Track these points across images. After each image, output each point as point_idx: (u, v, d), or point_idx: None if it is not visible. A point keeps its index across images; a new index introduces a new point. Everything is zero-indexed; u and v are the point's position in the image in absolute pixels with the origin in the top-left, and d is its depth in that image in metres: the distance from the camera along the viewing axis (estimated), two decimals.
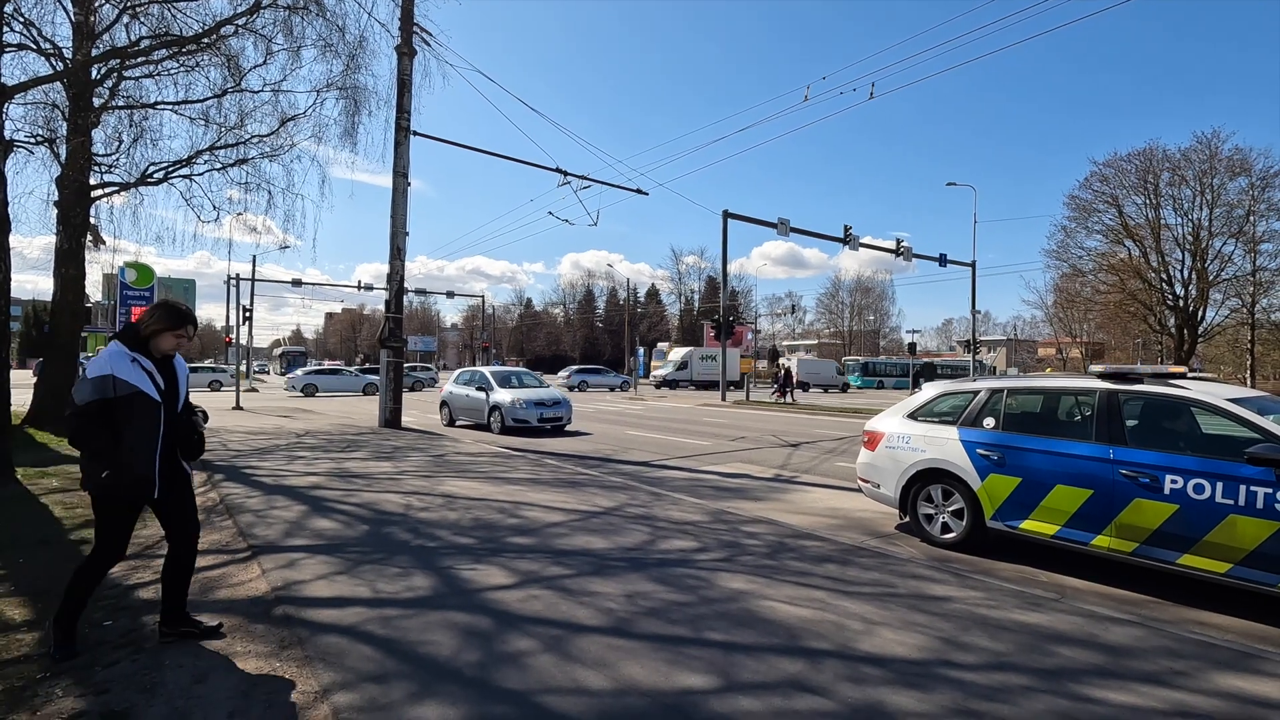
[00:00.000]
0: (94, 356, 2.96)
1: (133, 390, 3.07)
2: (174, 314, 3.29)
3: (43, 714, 2.74)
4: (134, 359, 3.13)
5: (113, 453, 3.04)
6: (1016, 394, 5.89)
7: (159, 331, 3.23)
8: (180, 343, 3.30)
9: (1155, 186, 36.73)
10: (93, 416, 3.04)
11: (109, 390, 3.03)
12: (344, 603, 4.02)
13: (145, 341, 3.22)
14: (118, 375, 3.05)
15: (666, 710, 2.80)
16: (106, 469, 3.04)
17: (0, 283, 7.77)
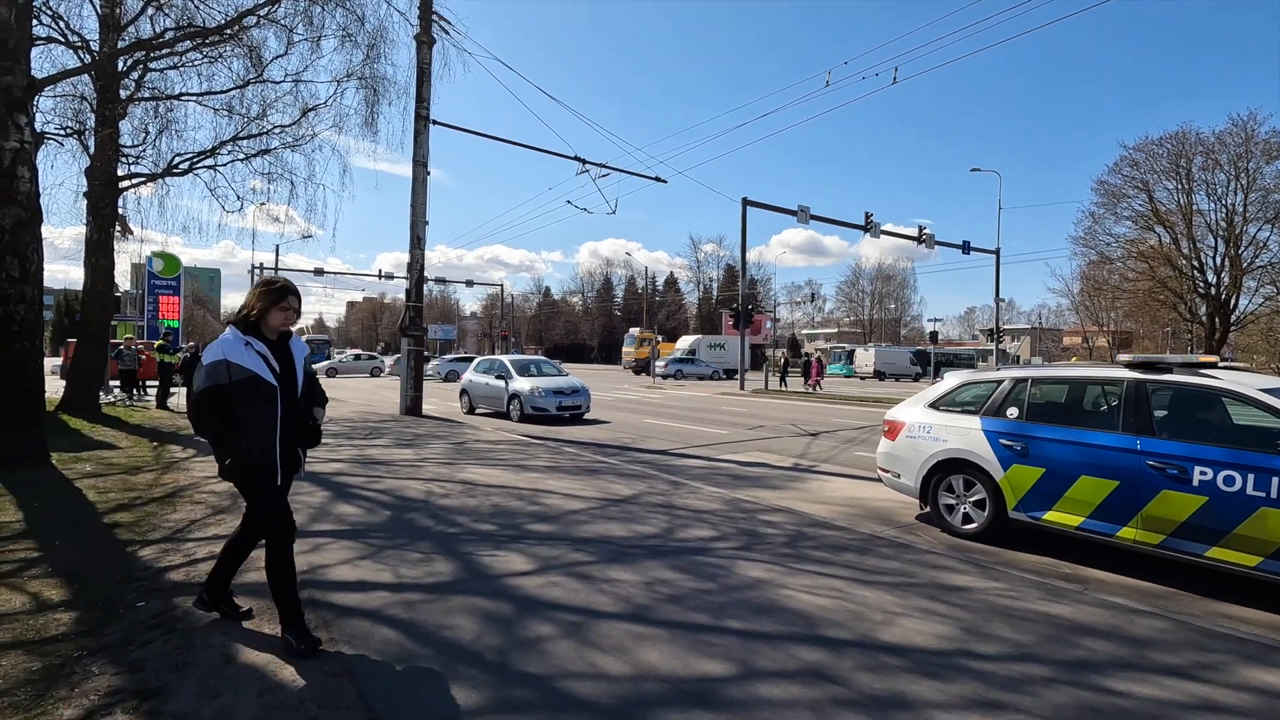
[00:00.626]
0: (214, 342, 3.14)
1: (248, 375, 3.03)
2: (276, 288, 3.21)
3: (81, 690, 2.83)
4: (247, 343, 3.09)
5: (231, 439, 3.04)
6: (1041, 383, 5.81)
7: (264, 310, 3.17)
8: (288, 317, 3.21)
9: (1188, 171, 35.78)
10: (210, 403, 3.02)
11: (223, 376, 3.00)
12: (367, 587, 4.10)
13: (256, 324, 3.17)
14: (232, 360, 3.02)
15: (685, 697, 2.82)
16: (227, 456, 3.04)
17: (33, 272, 7.96)
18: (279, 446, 3.14)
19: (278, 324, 3.21)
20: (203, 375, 3.03)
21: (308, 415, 3.34)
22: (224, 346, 3.05)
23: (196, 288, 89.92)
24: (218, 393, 3.01)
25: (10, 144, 7.72)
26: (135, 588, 4.05)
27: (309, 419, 3.34)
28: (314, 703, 2.73)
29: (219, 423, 3.05)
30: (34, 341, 8.01)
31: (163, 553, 4.76)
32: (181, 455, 9.16)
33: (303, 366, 3.31)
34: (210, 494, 6.70)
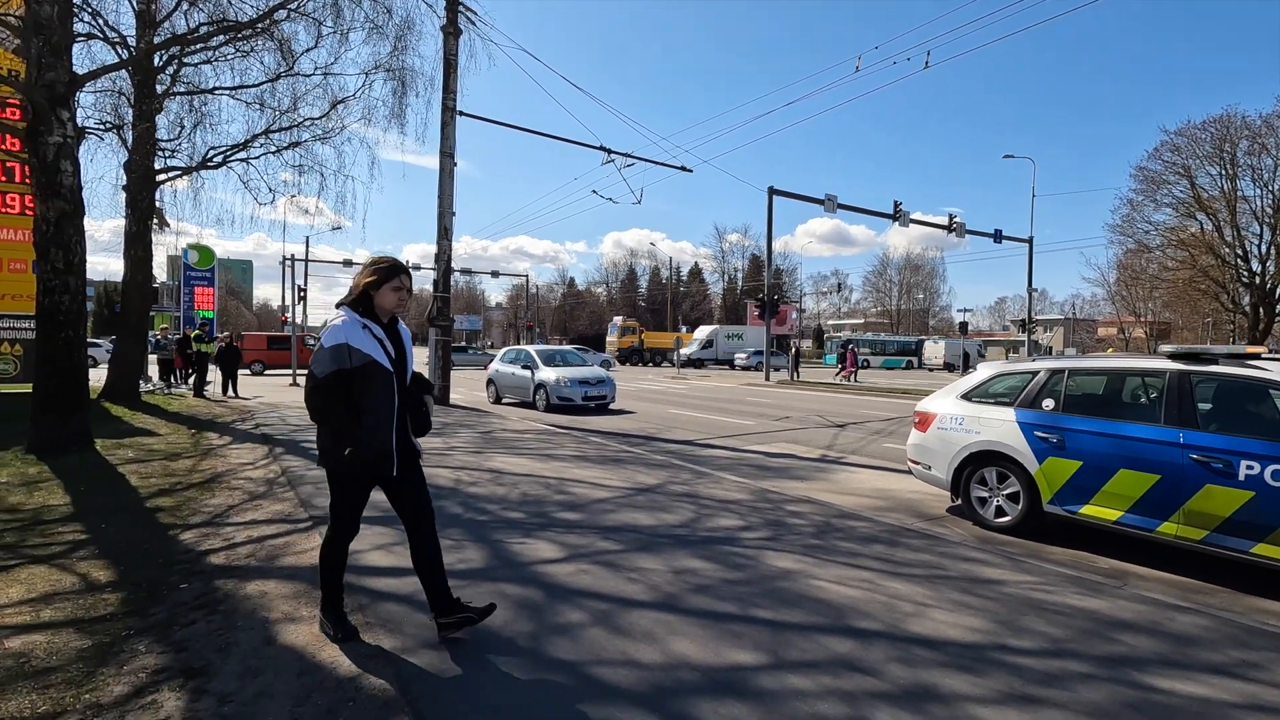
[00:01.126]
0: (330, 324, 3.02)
1: (367, 360, 2.89)
2: (386, 266, 3.04)
3: (129, 668, 2.92)
4: (365, 325, 2.94)
5: (354, 428, 2.88)
6: (1078, 375, 5.67)
7: (378, 286, 3.00)
8: (401, 297, 3.04)
9: (1232, 156, 34.56)
10: (334, 389, 2.88)
11: (345, 360, 2.86)
12: (401, 572, 4.16)
13: (370, 304, 3.02)
14: (352, 344, 2.88)
15: (717, 685, 2.83)
16: (348, 445, 2.88)
17: (76, 263, 8.20)
18: (395, 436, 3.00)
19: (390, 305, 3.05)
20: (326, 359, 2.87)
21: (419, 402, 3.17)
22: (344, 329, 2.90)
23: (230, 279, 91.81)
24: (341, 378, 2.87)
25: (54, 139, 7.94)
26: (178, 570, 4.17)
27: (421, 406, 3.17)
28: (352, 685, 2.79)
29: (342, 410, 2.89)
30: (78, 331, 8.26)
31: (203, 536, 4.89)
32: (219, 443, 9.39)
33: (410, 352, 3.17)
34: (247, 480, 6.87)
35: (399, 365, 3.04)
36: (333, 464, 2.98)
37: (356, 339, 2.89)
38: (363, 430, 2.89)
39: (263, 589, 3.85)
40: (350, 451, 2.88)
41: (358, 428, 2.89)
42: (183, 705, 2.64)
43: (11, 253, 13.13)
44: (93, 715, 2.55)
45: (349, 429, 2.89)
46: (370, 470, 2.98)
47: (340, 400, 2.89)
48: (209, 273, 36.21)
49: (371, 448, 2.91)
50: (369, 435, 2.90)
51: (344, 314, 2.97)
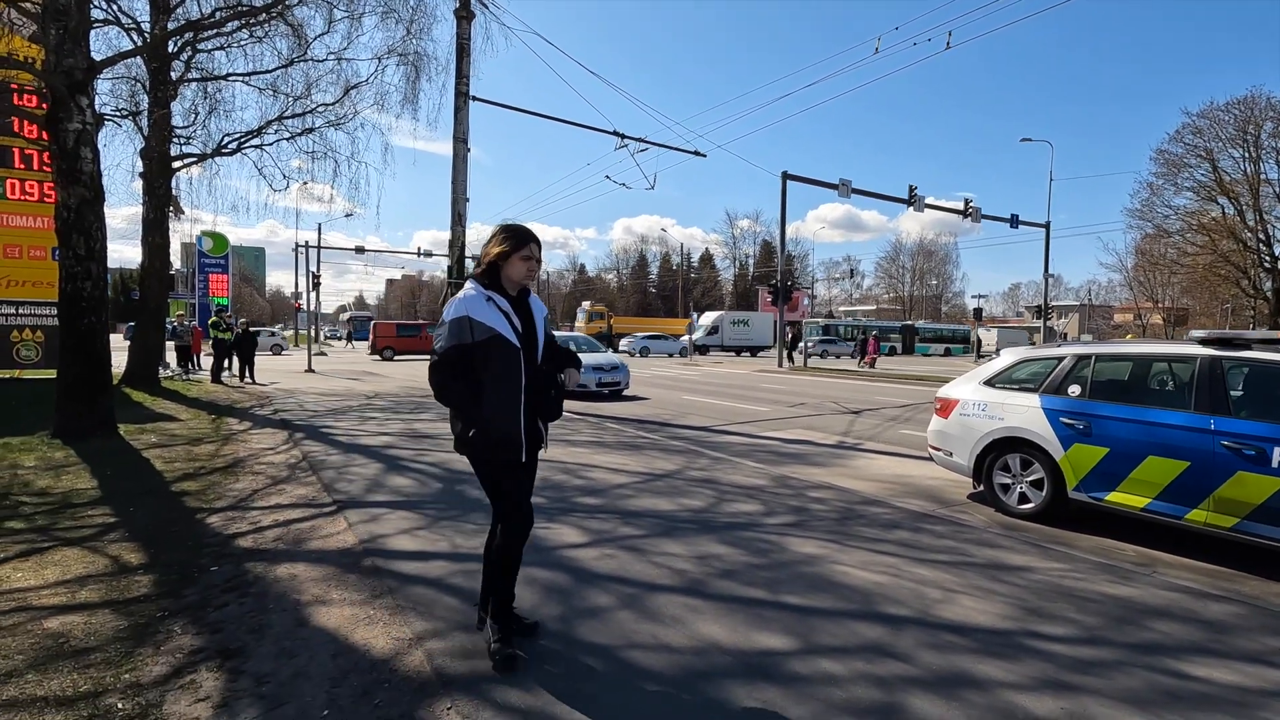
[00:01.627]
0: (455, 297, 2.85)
1: (490, 334, 2.69)
2: (515, 233, 2.82)
3: (166, 649, 2.96)
4: (489, 298, 2.74)
5: (475, 408, 2.71)
6: (1105, 360, 5.60)
7: (505, 255, 2.79)
8: (531, 268, 2.82)
9: (1256, 138, 33.89)
10: (454, 364, 2.69)
11: (467, 334, 2.67)
12: (427, 556, 4.20)
13: (497, 278, 2.82)
14: (474, 317, 2.68)
15: (749, 670, 2.83)
16: (472, 427, 2.71)
17: (97, 250, 8.25)
18: (523, 418, 2.79)
19: (520, 276, 2.83)
20: (445, 333, 2.69)
21: (551, 383, 2.93)
22: (466, 302, 2.71)
23: (243, 266, 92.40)
24: (462, 353, 2.68)
25: (73, 125, 7.97)
26: (207, 553, 4.22)
27: (552, 387, 2.93)
28: (386, 666, 2.81)
29: (463, 388, 2.71)
30: (100, 317, 8.33)
31: (229, 520, 4.94)
32: (239, 428, 9.48)
33: (543, 327, 2.94)
34: (269, 465, 6.93)
35: (527, 341, 2.80)
36: (465, 450, 2.79)
37: (479, 312, 2.69)
38: (486, 410, 2.71)
39: (292, 572, 3.89)
40: (474, 433, 2.70)
41: (479, 408, 2.71)
42: (221, 685, 2.67)
43: (32, 240, 13.27)
44: (133, 694, 2.59)
45: (469, 409, 2.71)
46: (495, 454, 2.77)
47: (460, 378, 2.71)
48: (223, 259, 36.51)
49: (496, 430, 2.72)
50: (492, 416, 2.72)
51: (469, 286, 2.78)
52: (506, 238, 2.81)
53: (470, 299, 2.72)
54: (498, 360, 2.71)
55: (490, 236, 2.88)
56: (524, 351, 2.77)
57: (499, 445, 2.75)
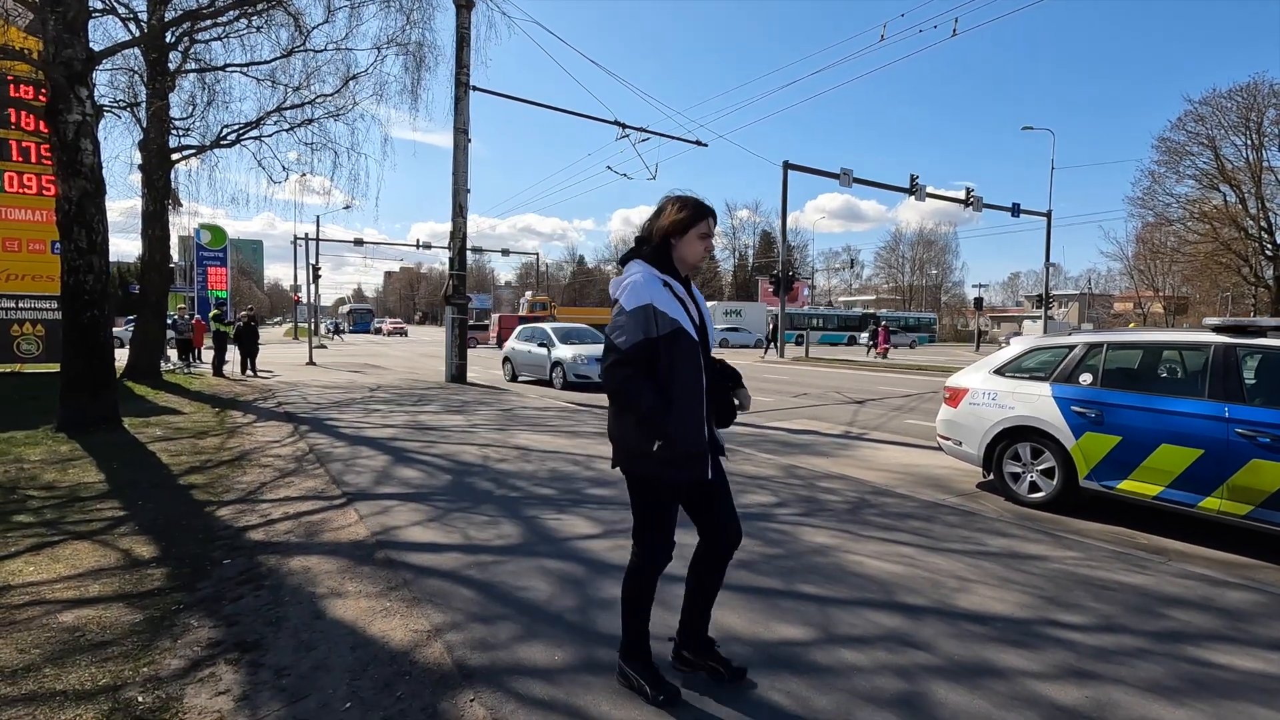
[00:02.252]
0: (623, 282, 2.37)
1: (673, 327, 2.28)
2: (693, 204, 2.41)
3: (183, 642, 2.95)
4: (665, 282, 2.34)
5: (665, 417, 2.26)
6: (1117, 348, 5.57)
7: (682, 231, 2.39)
8: (708, 247, 2.44)
9: (1258, 125, 33.76)
10: (641, 364, 2.26)
11: (651, 327, 2.26)
12: (440, 548, 4.18)
13: (668, 255, 2.41)
14: (657, 305, 2.28)
15: (771, 660, 2.82)
16: (658, 438, 2.26)
17: (99, 242, 8.20)
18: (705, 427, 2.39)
19: (695, 257, 2.43)
20: (630, 325, 2.25)
21: (726, 379, 2.52)
22: (648, 288, 2.29)
23: (241, 259, 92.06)
24: (647, 350, 2.26)
25: (73, 117, 7.90)
26: (219, 546, 4.21)
27: (727, 384, 2.52)
28: (406, 659, 2.80)
29: (651, 392, 2.26)
30: (103, 310, 8.29)
31: (239, 513, 4.92)
32: (243, 421, 9.46)
33: (711, 321, 2.52)
34: (276, 458, 6.91)
35: (702, 335, 2.41)
36: (637, 465, 2.34)
37: (661, 299, 2.29)
38: (671, 420, 2.26)
39: (305, 564, 3.87)
40: (660, 447, 2.25)
41: (667, 416, 2.26)
42: (241, 678, 2.65)
43: (31, 233, 13.19)
44: (153, 688, 2.58)
45: (656, 418, 2.25)
46: (680, 473, 2.35)
47: (646, 380, 2.27)
48: (221, 253, 36.32)
49: (682, 443, 2.29)
50: (679, 426, 2.28)
51: (639, 269, 2.37)
52: (683, 208, 2.39)
53: (650, 283, 2.31)
54: (681, 358, 2.30)
55: (659, 208, 2.45)
56: (701, 347, 2.39)
57: (684, 461, 2.32)
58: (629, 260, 2.44)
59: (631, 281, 2.32)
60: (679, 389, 2.29)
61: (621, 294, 2.33)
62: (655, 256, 2.40)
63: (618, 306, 2.32)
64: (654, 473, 2.33)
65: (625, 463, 2.41)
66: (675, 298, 2.33)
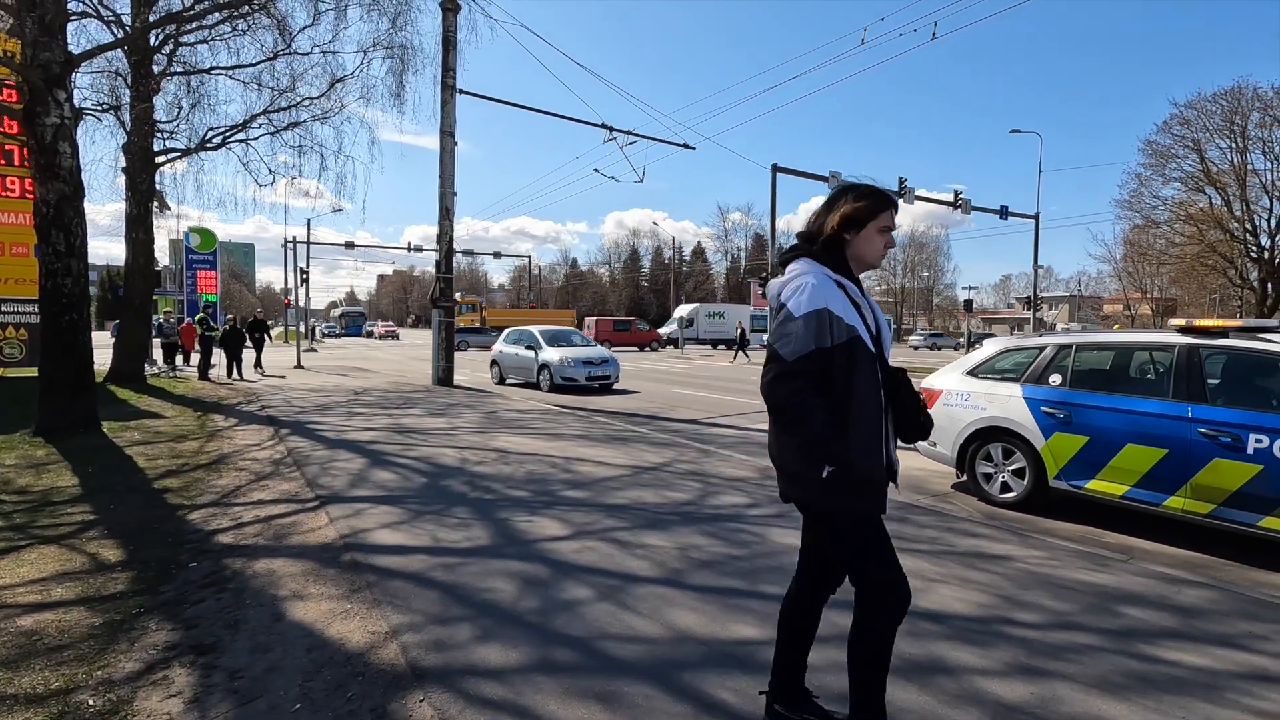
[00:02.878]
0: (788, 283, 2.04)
1: (850, 334, 1.98)
2: (872, 194, 2.12)
3: (140, 645, 2.95)
4: (838, 283, 2.05)
5: (841, 439, 1.95)
6: (1086, 350, 5.63)
7: (859, 225, 2.09)
8: (888, 242, 2.14)
9: (1243, 129, 33.99)
10: (810, 378, 1.97)
11: (826, 335, 1.96)
12: (408, 550, 4.19)
13: (840, 253, 2.13)
14: (833, 310, 1.98)
15: (723, 659, 2.84)
16: (828, 463, 1.96)
17: (77, 246, 8.17)
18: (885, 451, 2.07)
19: (874, 255, 2.13)
20: (802, 333, 1.95)
21: (903, 388, 2.15)
22: (822, 290, 1.99)
23: (232, 262, 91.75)
24: (822, 361, 1.96)
25: (51, 120, 7.88)
26: (187, 549, 4.20)
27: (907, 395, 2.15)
28: (361, 660, 2.81)
29: (823, 409, 1.96)
30: (81, 314, 8.27)
31: (211, 516, 4.92)
32: (224, 424, 9.43)
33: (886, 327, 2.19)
34: (253, 461, 6.90)
35: (878, 344, 2.10)
36: (811, 496, 2.06)
37: (837, 303, 2.00)
38: (847, 441, 1.96)
39: (271, 567, 3.87)
40: (830, 472, 1.96)
41: (844, 437, 1.95)
42: (194, 681, 2.66)
43: (13, 236, 13.10)
44: (105, 691, 2.58)
45: (836, 439, 1.95)
46: (857, 502, 2.03)
47: (819, 395, 1.98)
48: (211, 256, 36.14)
49: (860, 467, 1.98)
50: (856, 449, 1.96)
51: (807, 268, 2.07)
52: (859, 199, 2.10)
53: (824, 285, 2.00)
54: (859, 371, 1.99)
55: (831, 199, 2.16)
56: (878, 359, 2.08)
57: (860, 488, 2.01)
58: (791, 259, 2.16)
59: (803, 283, 2.01)
60: (856, 406, 1.98)
61: (789, 297, 2.02)
62: (826, 255, 2.11)
63: (784, 312, 2.02)
64: (829, 504, 2.03)
65: (789, 489, 2.13)
66: (850, 301, 2.04)
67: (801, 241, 2.20)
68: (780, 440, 2.10)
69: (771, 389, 2.01)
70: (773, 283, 2.17)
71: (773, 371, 2.01)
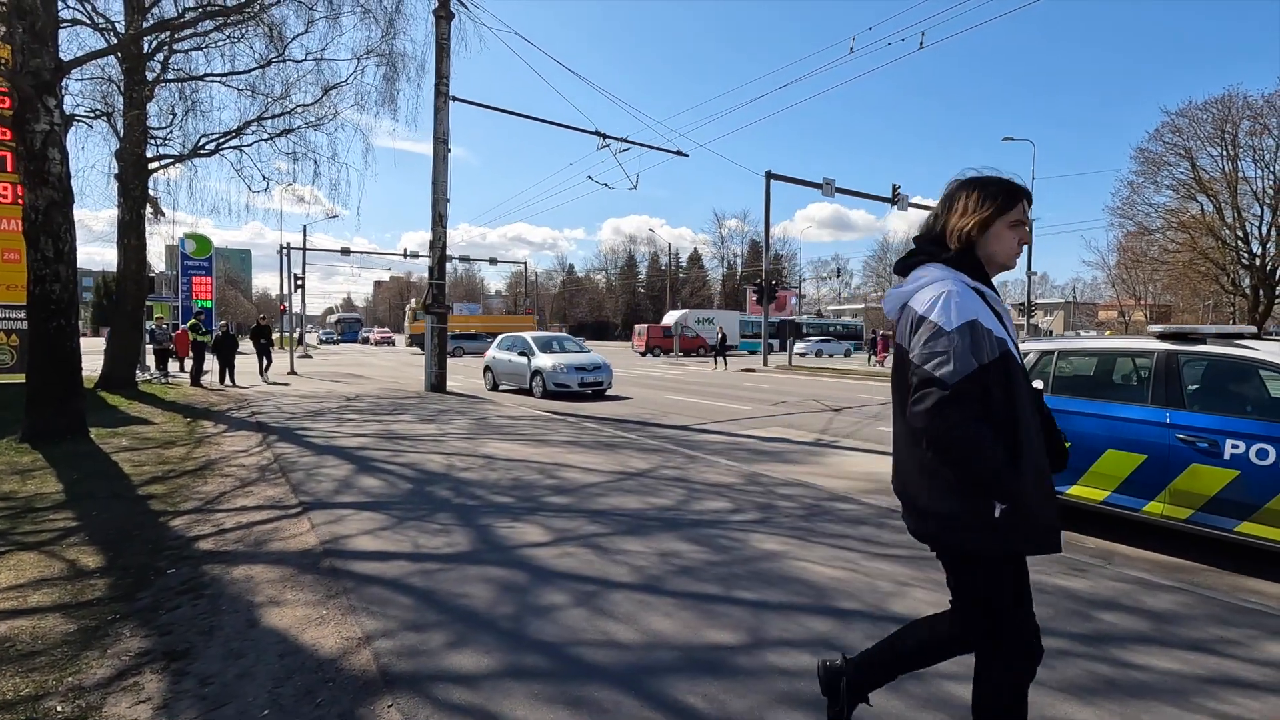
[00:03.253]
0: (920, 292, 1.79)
1: (1002, 350, 1.75)
2: (1003, 188, 1.87)
3: (113, 652, 2.95)
4: (976, 290, 1.81)
5: (1014, 473, 1.68)
6: (1067, 356, 5.67)
7: (989, 223, 1.85)
8: (1023, 239, 1.88)
9: (1234, 137, 34.24)
10: (975, 403, 1.69)
11: (983, 351, 1.72)
12: (387, 556, 4.19)
13: (973, 255, 1.88)
14: (983, 322, 1.74)
15: (696, 665, 2.85)
16: (1002, 501, 1.70)
17: (66, 252, 8.18)
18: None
19: (1009, 254, 1.88)
20: (958, 349, 1.69)
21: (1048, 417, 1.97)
22: (967, 299, 1.75)
23: (228, 268, 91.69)
24: (982, 381, 1.70)
25: (40, 126, 7.89)
26: (166, 555, 4.20)
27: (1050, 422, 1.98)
28: (332, 666, 2.81)
29: (994, 438, 1.69)
30: (70, 320, 8.26)
31: (193, 523, 4.91)
32: (213, 430, 9.42)
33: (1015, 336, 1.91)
34: (240, 467, 6.89)
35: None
36: (969, 536, 1.77)
37: (985, 314, 1.76)
38: (1024, 476, 1.70)
39: (249, 573, 3.87)
40: (1004, 512, 1.70)
41: (1018, 471, 1.69)
42: (164, 687, 2.66)
43: (5, 243, 13.06)
44: (74, 697, 2.58)
45: (1006, 474, 1.67)
46: (1028, 545, 1.78)
47: (985, 424, 1.69)
48: (206, 262, 36.07)
49: (1036, 507, 1.72)
50: (1031, 485, 1.71)
51: (942, 273, 1.83)
52: (990, 195, 1.85)
53: (966, 293, 1.76)
54: (1017, 392, 1.75)
55: (948, 198, 1.93)
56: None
57: (1034, 531, 1.75)
58: (913, 265, 1.93)
59: (943, 291, 1.75)
60: (1023, 432, 1.72)
61: (930, 308, 1.76)
62: (957, 257, 1.87)
63: (926, 326, 1.75)
64: (991, 547, 1.76)
65: (950, 538, 1.82)
66: (992, 311, 1.79)
67: (923, 244, 1.95)
68: (926, 473, 1.81)
69: (934, 419, 1.68)
70: (893, 292, 1.95)
71: (932, 397, 1.68)
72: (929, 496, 1.83)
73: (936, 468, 1.78)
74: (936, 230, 1.93)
